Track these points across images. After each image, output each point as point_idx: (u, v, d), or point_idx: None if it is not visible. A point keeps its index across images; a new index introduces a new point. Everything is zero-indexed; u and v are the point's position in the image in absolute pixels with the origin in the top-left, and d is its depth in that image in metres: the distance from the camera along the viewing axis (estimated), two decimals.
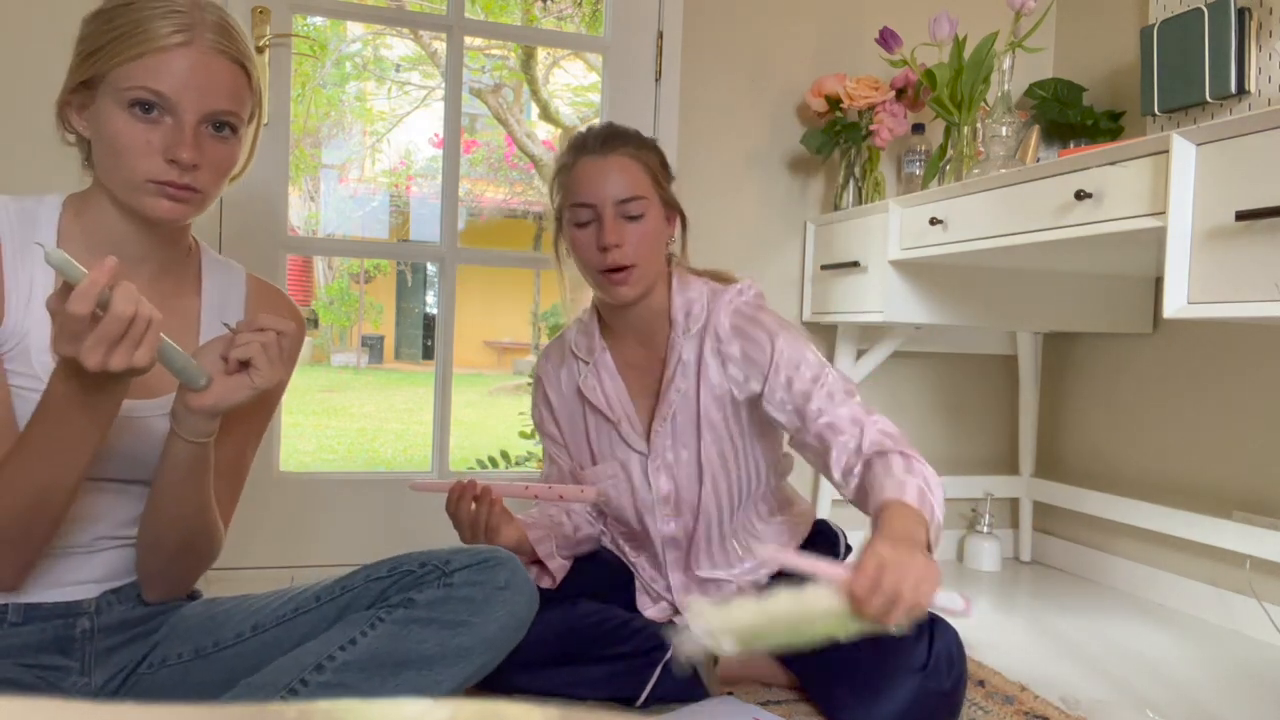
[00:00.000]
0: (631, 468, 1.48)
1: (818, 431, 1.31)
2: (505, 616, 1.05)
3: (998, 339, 2.47)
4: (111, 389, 0.88)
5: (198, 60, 0.95)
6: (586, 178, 1.37)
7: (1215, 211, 1.28)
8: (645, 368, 1.48)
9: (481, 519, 1.34)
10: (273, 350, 0.94)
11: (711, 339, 1.41)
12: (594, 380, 1.48)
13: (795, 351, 1.35)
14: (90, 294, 0.79)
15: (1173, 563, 2.09)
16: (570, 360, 1.53)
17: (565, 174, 1.40)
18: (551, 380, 1.55)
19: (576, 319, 1.55)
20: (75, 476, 0.92)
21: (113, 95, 0.94)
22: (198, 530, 1.05)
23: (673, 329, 1.43)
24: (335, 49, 9.81)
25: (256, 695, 1.00)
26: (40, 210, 1.02)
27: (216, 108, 0.97)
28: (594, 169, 1.37)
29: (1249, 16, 1.83)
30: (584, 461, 1.53)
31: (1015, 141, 1.86)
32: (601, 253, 1.35)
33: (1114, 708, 1.45)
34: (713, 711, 1.32)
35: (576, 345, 1.52)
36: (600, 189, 1.35)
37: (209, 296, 1.11)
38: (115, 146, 0.95)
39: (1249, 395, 1.94)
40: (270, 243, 2.02)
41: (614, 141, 1.38)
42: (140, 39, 0.93)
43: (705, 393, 1.42)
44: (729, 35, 2.27)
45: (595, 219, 1.36)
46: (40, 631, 1.01)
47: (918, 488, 1.16)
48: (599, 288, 1.41)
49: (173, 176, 0.95)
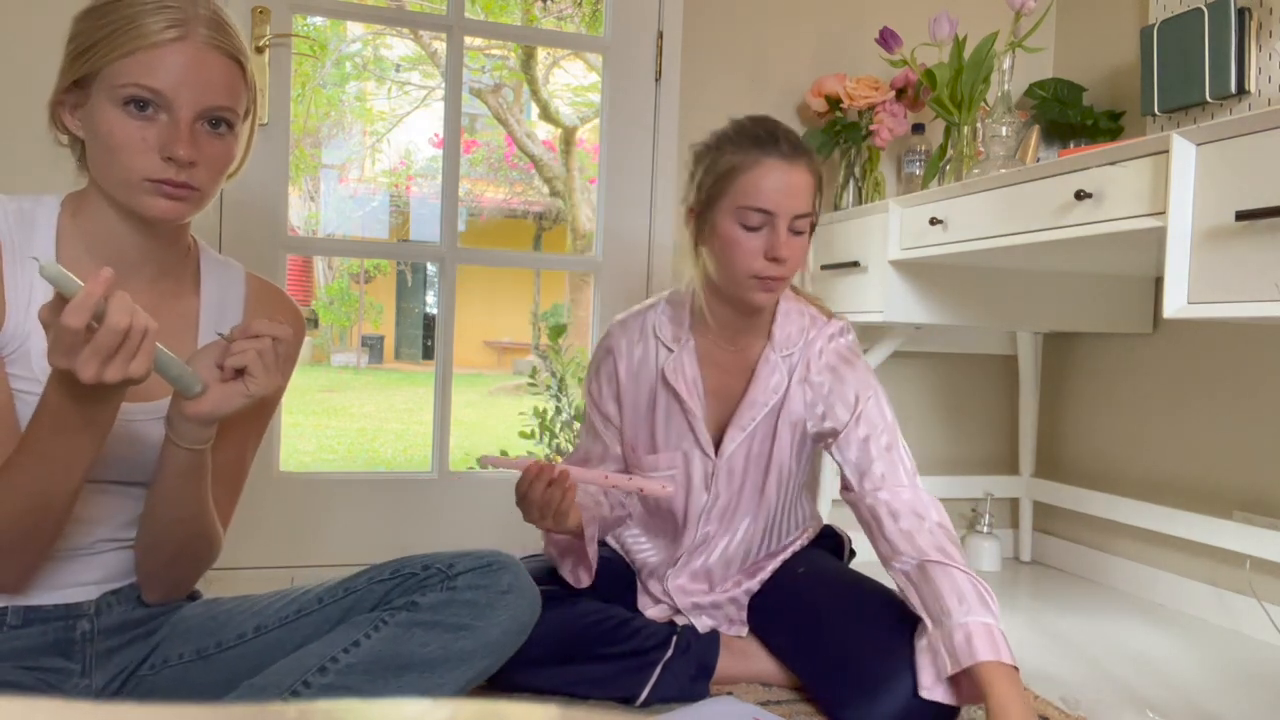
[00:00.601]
0: (694, 464, 1.46)
1: (873, 504, 1.34)
2: (508, 621, 1.06)
3: (998, 339, 2.47)
4: (108, 399, 0.87)
5: (193, 56, 0.93)
6: (772, 183, 1.31)
7: (1215, 211, 1.28)
8: (729, 369, 1.47)
9: (553, 502, 1.29)
10: (269, 357, 0.93)
11: (803, 367, 1.42)
12: (677, 365, 1.45)
13: (878, 412, 1.38)
14: (85, 307, 0.78)
15: (1173, 563, 2.09)
16: (650, 341, 1.48)
17: (742, 171, 1.32)
18: (623, 354, 1.49)
19: (659, 302, 1.51)
20: (75, 483, 0.92)
21: (106, 93, 0.93)
22: (196, 534, 1.05)
23: (769, 344, 1.43)
24: (335, 49, 9.81)
25: (259, 696, 1.00)
26: (38, 211, 1.00)
27: (212, 104, 0.95)
28: (781, 176, 1.31)
29: (1249, 16, 1.82)
30: (639, 445, 1.49)
31: (1015, 141, 1.86)
32: (769, 262, 1.32)
33: (1114, 708, 1.45)
34: (713, 711, 1.32)
35: (660, 329, 1.48)
36: (784, 199, 1.31)
37: (208, 297, 1.10)
38: (110, 144, 0.93)
39: (1249, 395, 1.94)
40: (270, 243, 2.02)
41: (801, 149, 1.34)
42: (133, 35, 0.92)
43: (785, 415, 1.43)
44: (729, 35, 2.27)
45: (768, 225, 1.32)
46: (40, 634, 1.01)
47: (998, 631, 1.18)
48: (742, 289, 1.36)
49: (169, 174, 0.93)
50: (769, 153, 1.32)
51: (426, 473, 2.20)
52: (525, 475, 1.30)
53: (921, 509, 1.32)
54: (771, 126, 1.36)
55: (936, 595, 1.22)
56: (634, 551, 1.57)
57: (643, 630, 1.42)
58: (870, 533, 1.36)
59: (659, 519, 1.54)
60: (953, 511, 2.47)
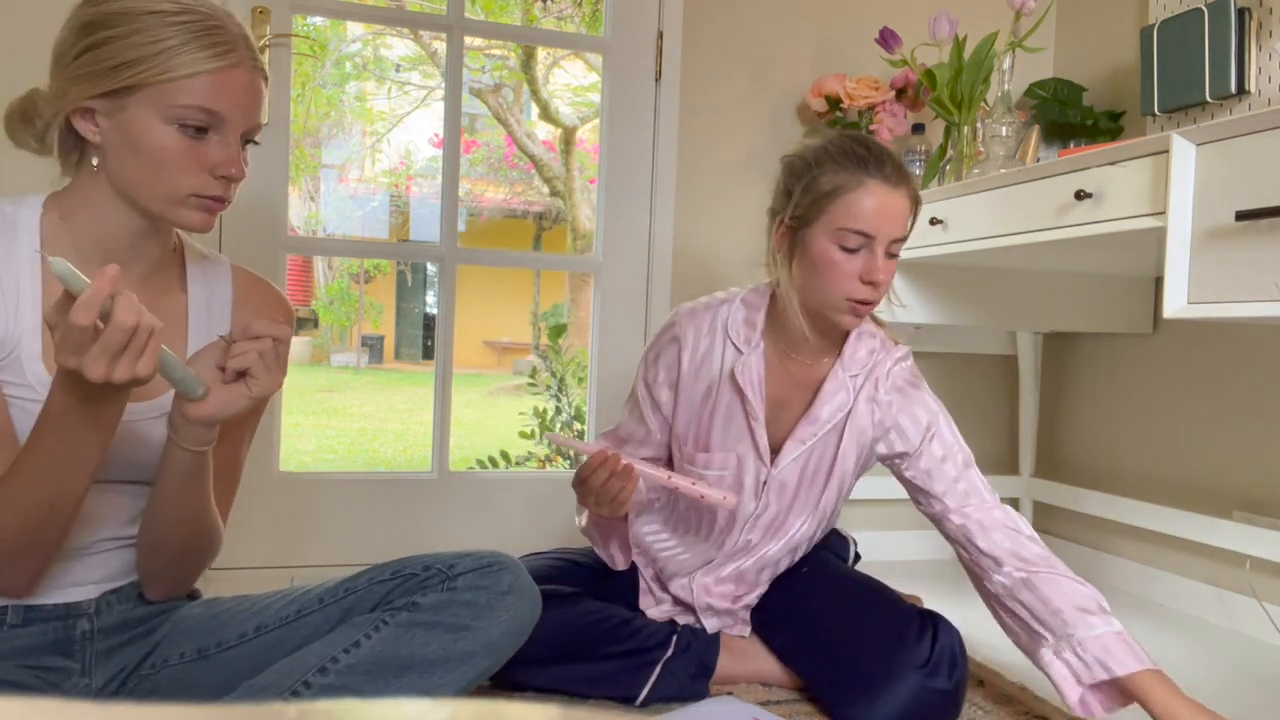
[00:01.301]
0: (747, 469, 1.44)
1: (962, 521, 1.34)
2: (508, 621, 1.06)
3: (998, 339, 2.47)
4: (113, 398, 0.87)
5: (241, 79, 0.97)
6: (875, 206, 1.29)
7: (1215, 211, 1.28)
8: (794, 382, 1.45)
9: (613, 492, 1.29)
10: (270, 358, 0.93)
11: (870, 386, 1.41)
12: (746, 367, 1.42)
13: (951, 433, 1.40)
14: (94, 305, 0.78)
15: (1173, 563, 2.09)
16: (719, 336, 1.45)
17: (845, 191, 1.30)
18: (689, 344, 1.45)
19: (734, 299, 1.47)
20: (82, 486, 0.92)
21: (156, 110, 0.93)
22: (199, 533, 1.05)
23: (838, 362, 1.42)
24: (335, 49, 9.81)
25: (259, 696, 1.00)
26: (20, 214, 0.99)
27: (257, 123, 1.00)
28: (886, 200, 1.29)
29: (1249, 16, 1.83)
30: (690, 439, 1.46)
31: (1015, 141, 1.86)
32: (866, 285, 1.31)
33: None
34: (713, 711, 1.32)
35: (732, 327, 1.44)
36: (886, 223, 1.29)
37: (196, 293, 1.10)
38: (157, 160, 0.94)
39: (1249, 395, 1.94)
40: (270, 243, 2.02)
41: (904, 176, 1.33)
42: (194, 59, 0.93)
43: (850, 431, 1.42)
44: (729, 35, 2.27)
45: (865, 248, 1.30)
46: (40, 633, 1.01)
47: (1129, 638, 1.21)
48: (832, 309, 1.34)
49: (217, 191, 0.97)
50: (873, 174, 1.30)
51: (426, 473, 2.20)
52: (591, 462, 1.30)
53: (1013, 524, 1.33)
54: (877, 148, 1.34)
55: (1053, 607, 1.22)
56: (654, 548, 1.54)
57: (643, 630, 1.42)
58: (963, 548, 1.35)
59: (692, 518, 1.51)
60: None
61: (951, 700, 1.31)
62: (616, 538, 1.45)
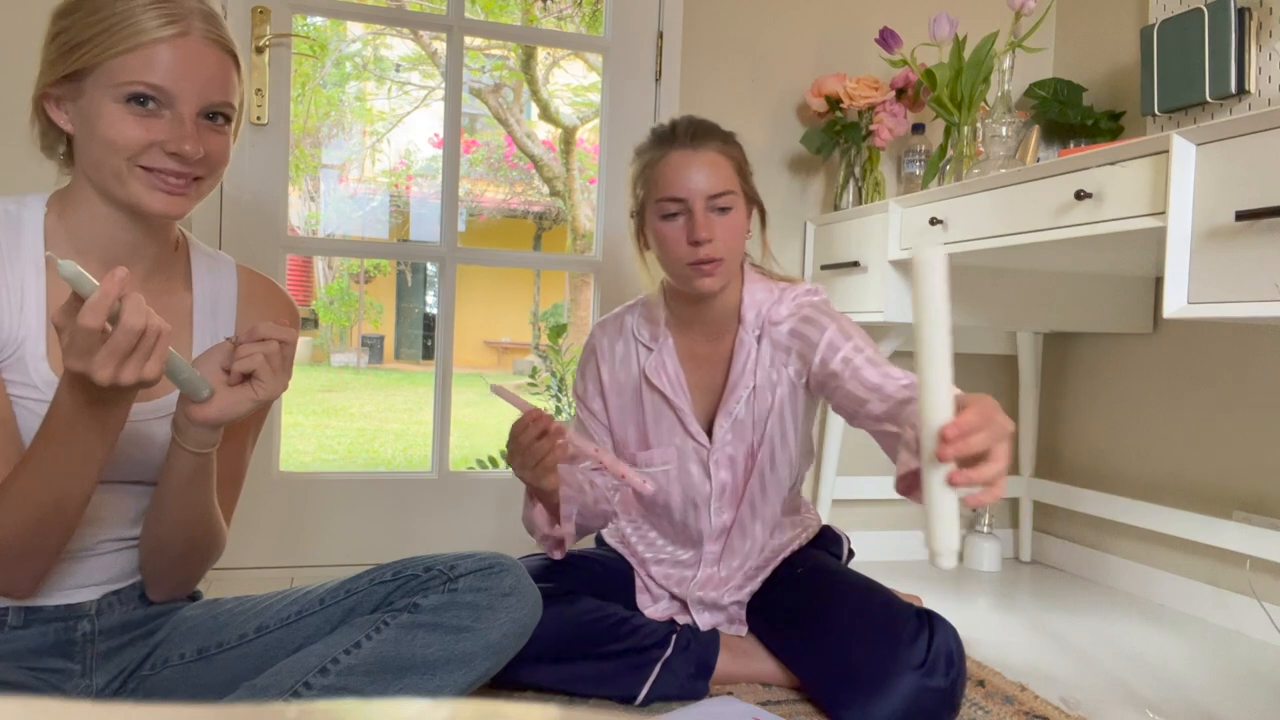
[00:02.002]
0: (688, 457, 1.49)
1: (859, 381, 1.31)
2: (509, 623, 1.06)
3: (998, 339, 2.47)
4: (120, 401, 0.87)
5: (193, 50, 0.93)
6: (677, 172, 1.36)
7: (1215, 211, 1.28)
8: (709, 361, 1.50)
9: (540, 454, 1.31)
10: (275, 360, 0.93)
11: (772, 330, 1.45)
12: (656, 364, 1.49)
13: (845, 331, 1.39)
14: (101, 308, 0.78)
15: (1173, 563, 2.10)
16: (630, 341, 1.53)
17: (652, 168, 1.39)
18: (606, 356, 1.55)
19: (637, 304, 1.55)
20: (87, 488, 0.92)
21: (105, 89, 0.92)
22: (202, 533, 1.05)
23: (741, 326, 1.46)
24: (335, 49, 9.82)
25: (260, 696, 1.00)
26: (23, 214, 0.99)
27: (214, 99, 0.95)
28: (685, 162, 1.37)
29: (1249, 16, 1.83)
30: (630, 442, 1.53)
31: (1015, 141, 1.86)
32: (693, 246, 1.36)
33: (1114, 708, 1.45)
34: (713, 711, 1.32)
35: (638, 330, 1.52)
36: (692, 183, 1.36)
37: (201, 292, 1.10)
38: (108, 139, 0.92)
39: (1249, 395, 1.94)
40: (270, 243, 2.02)
41: (703, 135, 1.39)
42: (132, 31, 0.91)
43: (767, 390, 1.46)
44: (729, 35, 2.27)
45: (685, 212, 1.36)
46: (41, 635, 1.01)
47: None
48: (682, 280, 1.41)
49: (169, 165, 0.93)
50: (670, 145, 1.38)
51: (426, 473, 2.20)
52: (525, 417, 1.32)
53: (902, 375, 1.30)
54: (681, 122, 1.41)
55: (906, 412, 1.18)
56: (646, 552, 1.57)
57: (642, 628, 1.42)
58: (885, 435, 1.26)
59: (666, 515, 1.54)
60: None
61: (948, 699, 1.31)
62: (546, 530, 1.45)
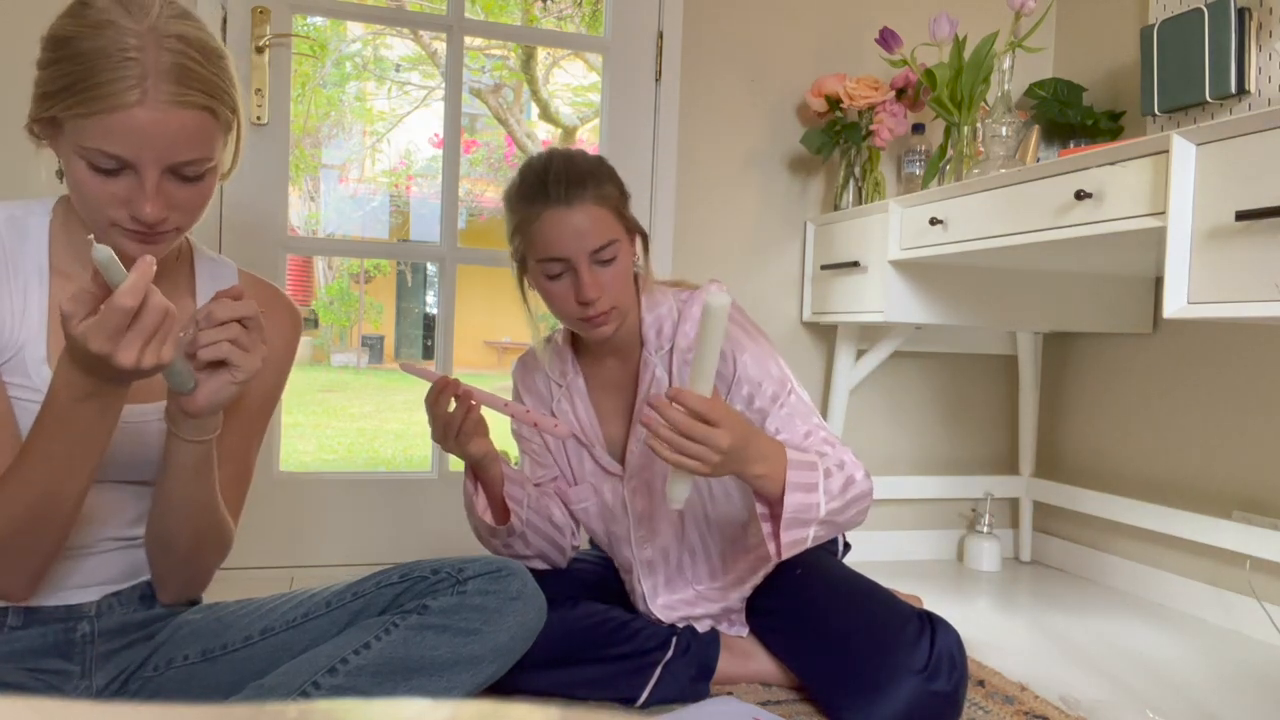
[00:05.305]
0: (604, 491, 1.48)
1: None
2: (516, 626, 1.07)
3: (998, 339, 2.47)
4: (116, 392, 0.87)
5: (154, 119, 0.87)
6: (555, 231, 1.28)
7: (1215, 211, 1.28)
8: (622, 386, 1.46)
9: (456, 421, 1.30)
10: (243, 339, 0.90)
11: (679, 352, 1.40)
12: (566, 404, 1.47)
13: (759, 367, 1.36)
14: (141, 286, 0.78)
15: (1173, 563, 2.09)
16: (543, 379, 1.51)
17: (529, 225, 1.31)
18: (527, 391, 1.53)
19: (547, 339, 1.51)
20: (82, 483, 0.92)
21: (72, 146, 0.89)
22: (208, 527, 1.05)
23: (644, 348, 1.42)
24: (335, 49, 9.82)
25: (268, 696, 1.00)
26: (30, 220, 1.00)
27: (178, 159, 0.90)
28: (562, 222, 1.28)
29: (1249, 16, 1.82)
30: (562, 477, 1.52)
31: (1015, 141, 1.86)
32: (582, 305, 1.30)
33: (1114, 708, 1.45)
34: (713, 712, 1.32)
35: (551, 368, 1.49)
36: (572, 242, 1.28)
37: (204, 297, 1.10)
38: (79, 194, 0.91)
39: (1249, 395, 1.94)
40: (270, 243, 2.02)
41: (576, 189, 1.29)
42: (91, 96, 0.86)
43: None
44: (729, 35, 2.27)
45: (569, 270, 1.30)
46: (40, 636, 1.01)
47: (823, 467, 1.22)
48: (578, 329, 1.36)
49: (140, 226, 0.91)
50: (543, 204, 1.29)
51: (426, 473, 2.20)
52: (434, 387, 1.31)
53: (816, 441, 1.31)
54: (541, 172, 1.31)
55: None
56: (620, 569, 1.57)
57: (643, 631, 1.42)
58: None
59: (613, 550, 1.53)
60: (952, 511, 2.48)
61: (951, 702, 1.31)
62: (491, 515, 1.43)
